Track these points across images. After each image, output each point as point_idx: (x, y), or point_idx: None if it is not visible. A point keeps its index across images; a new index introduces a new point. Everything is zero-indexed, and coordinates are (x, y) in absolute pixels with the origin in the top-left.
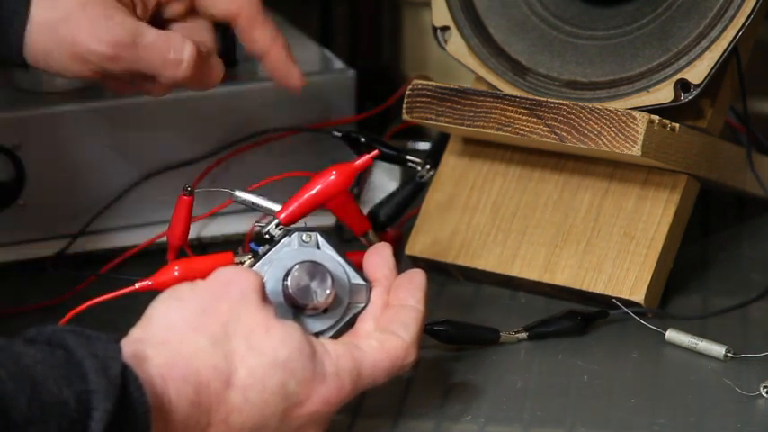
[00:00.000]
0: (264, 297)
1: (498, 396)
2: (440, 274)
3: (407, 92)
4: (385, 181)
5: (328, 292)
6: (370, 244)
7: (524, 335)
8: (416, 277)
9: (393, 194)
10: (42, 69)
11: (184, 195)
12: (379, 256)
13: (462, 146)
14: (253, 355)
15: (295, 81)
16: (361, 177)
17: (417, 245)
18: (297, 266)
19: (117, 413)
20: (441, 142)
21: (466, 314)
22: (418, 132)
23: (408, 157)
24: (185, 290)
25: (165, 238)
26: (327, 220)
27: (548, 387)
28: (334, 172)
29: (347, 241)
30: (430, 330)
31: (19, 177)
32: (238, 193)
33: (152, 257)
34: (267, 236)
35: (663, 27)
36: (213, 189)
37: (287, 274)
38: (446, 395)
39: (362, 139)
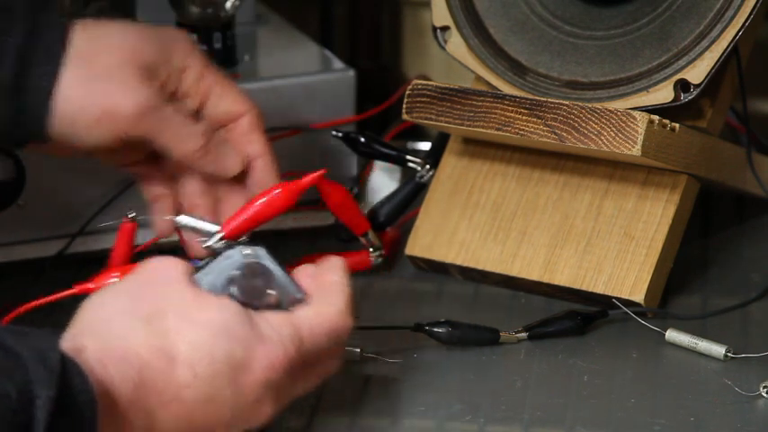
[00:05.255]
0: (191, 279)
1: (498, 396)
2: (440, 274)
3: (407, 92)
4: (385, 181)
5: (272, 293)
6: (371, 244)
7: (524, 335)
8: (332, 259)
9: (393, 194)
10: (64, 135)
11: (127, 222)
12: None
13: (462, 146)
14: (190, 329)
15: (230, 161)
16: (362, 177)
17: (417, 245)
18: (240, 271)
19: (60, 400)
20: (441, 142)
21: (466, 314)
22: (418, 132)
23: (408, 157)
24: (114, 283)
25: (162, 239)
26: (327, 219)
27: (548, 387)
28: (279, 189)
29: (346, 241)
30: (430, 331)
31: (19, 177)
32: (180, 219)
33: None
34: (209, 249)
35: (663, 27)
36: (155, 216)
37: (230, 280)
38: (445, 395)
39: (362, 139)
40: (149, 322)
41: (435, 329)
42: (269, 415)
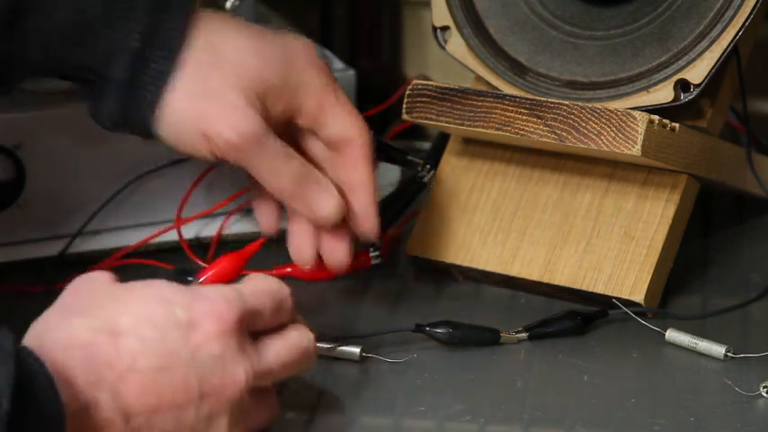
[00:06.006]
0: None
1: (498, 396)
2: (440, 274)
3: (407, 92)
4: (385, 181)
5: None
6: (371, 244)
7: (524, 335)
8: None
9: (393, 194)
10: (168, 140)
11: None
12: None
13: (462, 146)
14: (124, 307)
15: (369, 227)
16: None
17: (417, 245)
18: None
19: (18, 377)
20: (441, 142)
21: (466, 314)
22: (418, 132)
23: (408, 157)
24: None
25: (160, 238)
26: None
27: (548, 387)
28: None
29: None
30: (430, 331)
31: (19, 177)
32: None
33: (150, 256)
34: None
35: (663, 27)
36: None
37: None
38: (446, 395)
39: None
40: (84, 315)
41: (435, 330)
42: (243, 382)
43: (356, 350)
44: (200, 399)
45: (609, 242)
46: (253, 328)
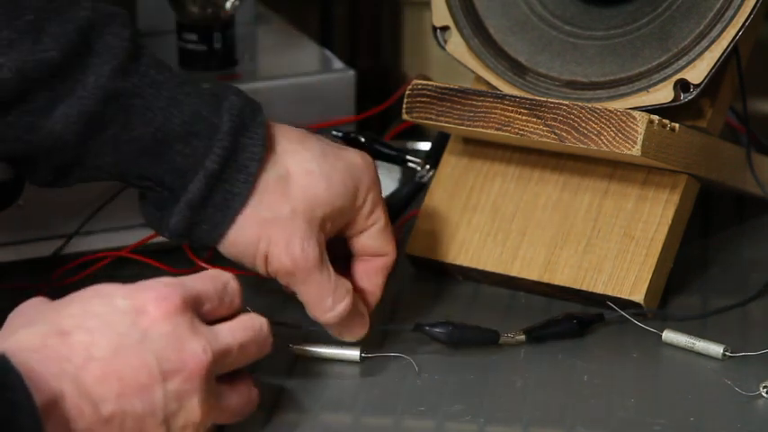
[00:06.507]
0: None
1: (498, 396)
2: (440, 274)
3: (407, 92)
4: (385, 181)
5: None
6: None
7: (522, 337)
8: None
9: (393, 194)
10: (227, 255)
11: None
12: None
13: (462, 146)
14: (66, 310)
15: (356, 332)
16: None
17: (417, 245)
18: None
19: None
20: (441, 142)
21: (465, 314)
22: (418, 132)
23: (408, 157)
24: None
25: (160, 238)
26: None
27: (548, 387)
28: None
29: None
30: (430, 331)
31: (19, 177)
32: None
33: (150, 256)
34: None
35: (663, 27)
36: None
37: None
38: (446, 395)
39: (362, 139)
40: (29, 326)
41: (435, 330)
42: (202, 356)
43: (356, 350)
44: (163, 378)
45: (609, 242)
46: (201, 312)
